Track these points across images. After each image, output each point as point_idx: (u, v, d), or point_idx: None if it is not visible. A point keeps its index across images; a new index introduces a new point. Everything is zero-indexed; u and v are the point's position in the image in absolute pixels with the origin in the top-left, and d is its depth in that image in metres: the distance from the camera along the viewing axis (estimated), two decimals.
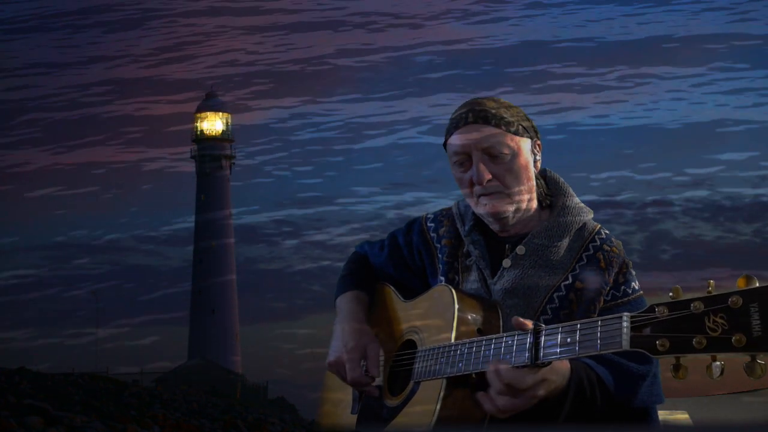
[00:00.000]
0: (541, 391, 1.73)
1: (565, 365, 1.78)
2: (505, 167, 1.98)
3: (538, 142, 2.05)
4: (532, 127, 2.04)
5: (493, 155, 1.97)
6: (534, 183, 2.04)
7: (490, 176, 1.97)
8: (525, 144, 2.01)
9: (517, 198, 2.00)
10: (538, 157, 2.05)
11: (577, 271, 2.00)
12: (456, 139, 2.01)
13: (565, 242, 2.02)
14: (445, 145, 2.06)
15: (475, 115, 1.99)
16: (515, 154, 1.99)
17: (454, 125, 2.01)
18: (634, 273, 2.01)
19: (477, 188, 1.99)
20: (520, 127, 2.00)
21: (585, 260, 2.01)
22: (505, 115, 1.99)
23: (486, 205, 2.00)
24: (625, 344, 1.52)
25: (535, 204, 2.05)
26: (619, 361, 1.86)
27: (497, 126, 1.98)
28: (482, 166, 1.97)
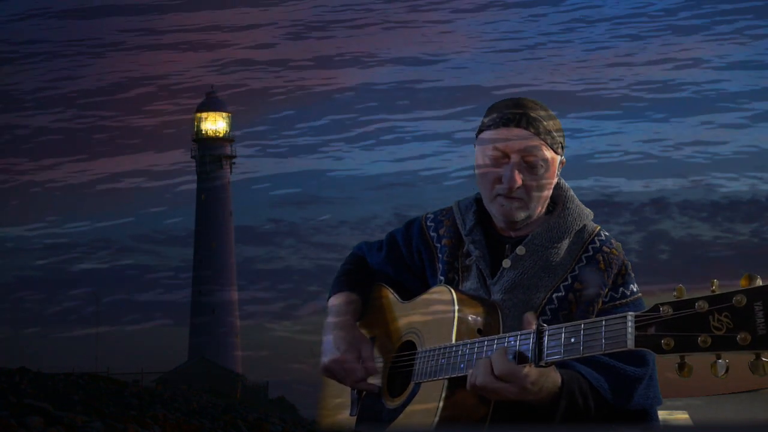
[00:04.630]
0: (513, 394, 1.75)
1: (555, 380, 1.80)
2: (536, 179, 1.99)
3: (564, 160, 2.07)
4: (564, 143, 2.06)
5: (530, 165, 1.99)
6: (550, 195, 2.06)
7: (520, 183, 1.98)
8: (557, 160, 2.03)
9: (532, 207, 2.01)
10: (559, 173, 2.07)
11: (577, 272, 2.00)
12: (500, 136, 2.00)
13: (565, 243, 2.03)
14: (480, 130, 2.06)
15: (528, 121, 1.99)
16: (548, 168, 2.00)
17: (504, 121, 2.01)
18: (633, 275, 2.01)
19: (501, 188, 2.00)
20: (560, 145, 2.03)
21: (584, 261, 2.01)
22: (552, 130, 2.01)
23: (503, 206, 2.00)
24: (630, 344, 1.53)
25: (543, 210, 2.06)
26: (614, 365, 1.87)
27: (544, 140, 1.99)
28: (517, 173, 1.98)
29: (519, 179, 1.98)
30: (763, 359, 1.41)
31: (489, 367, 1.75)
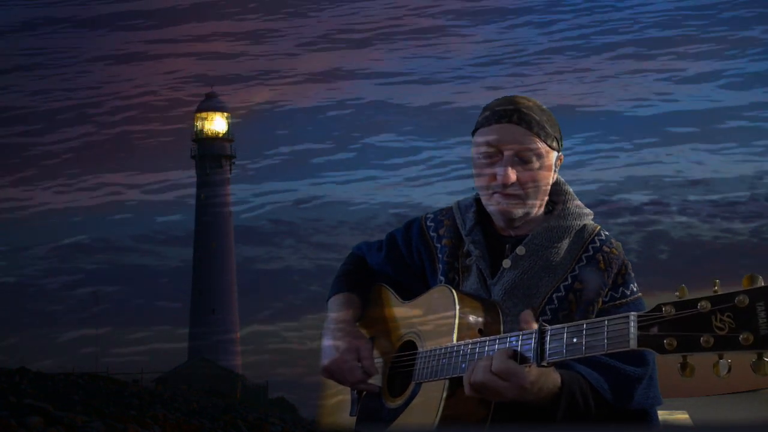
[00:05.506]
0: (511, 394, 1.74)
1: (555, 381, 1.79)
2: (531, 175, 1.99)
3: (562, 156, 2.06)
4: (561, 139, 2.06)
5: (524, 160, 1.99)
6: (548, 191, 2.06)
7: (515, 179, 1.98)
8: (553, 155, 2.03)
9: (530, 203, 2.01)
10: (556, 169, 2.06)
11: (577, 272, 2.00)
12: (493, 132, 2.01)
13: (565, 243, 2.03)
14: (475, 129, 2.06)
15: (520, 116, 2.00)
16: (543, 164, 2.00)
17: (496, 118, 2.01)
18: (633, 275, 2.01)
19: (496, 185, 2.00)
20: (555, 141, 2.03)
21: (584, 261, 2.01)
22: (546, 126, 2.01)
23: (500, 203, 2.01)
24: (633, 343, 1.53)
25: (542, 209, 2.06)
26: (614, 365, 1.86)
27: (537, 135, 1.99)
28: (511, 169, 1.98)
29: (513, 175, 1.98)
30: (766, 359, 1.42)
31: (488, 365, 1.75)
